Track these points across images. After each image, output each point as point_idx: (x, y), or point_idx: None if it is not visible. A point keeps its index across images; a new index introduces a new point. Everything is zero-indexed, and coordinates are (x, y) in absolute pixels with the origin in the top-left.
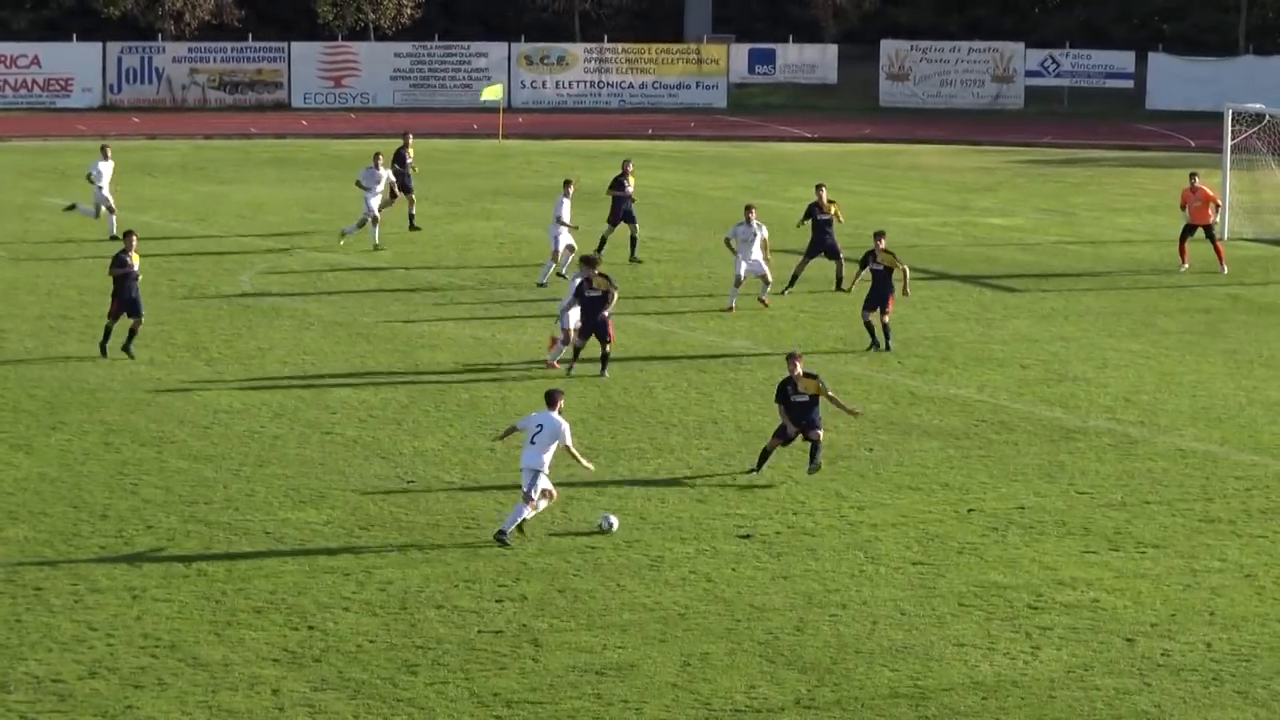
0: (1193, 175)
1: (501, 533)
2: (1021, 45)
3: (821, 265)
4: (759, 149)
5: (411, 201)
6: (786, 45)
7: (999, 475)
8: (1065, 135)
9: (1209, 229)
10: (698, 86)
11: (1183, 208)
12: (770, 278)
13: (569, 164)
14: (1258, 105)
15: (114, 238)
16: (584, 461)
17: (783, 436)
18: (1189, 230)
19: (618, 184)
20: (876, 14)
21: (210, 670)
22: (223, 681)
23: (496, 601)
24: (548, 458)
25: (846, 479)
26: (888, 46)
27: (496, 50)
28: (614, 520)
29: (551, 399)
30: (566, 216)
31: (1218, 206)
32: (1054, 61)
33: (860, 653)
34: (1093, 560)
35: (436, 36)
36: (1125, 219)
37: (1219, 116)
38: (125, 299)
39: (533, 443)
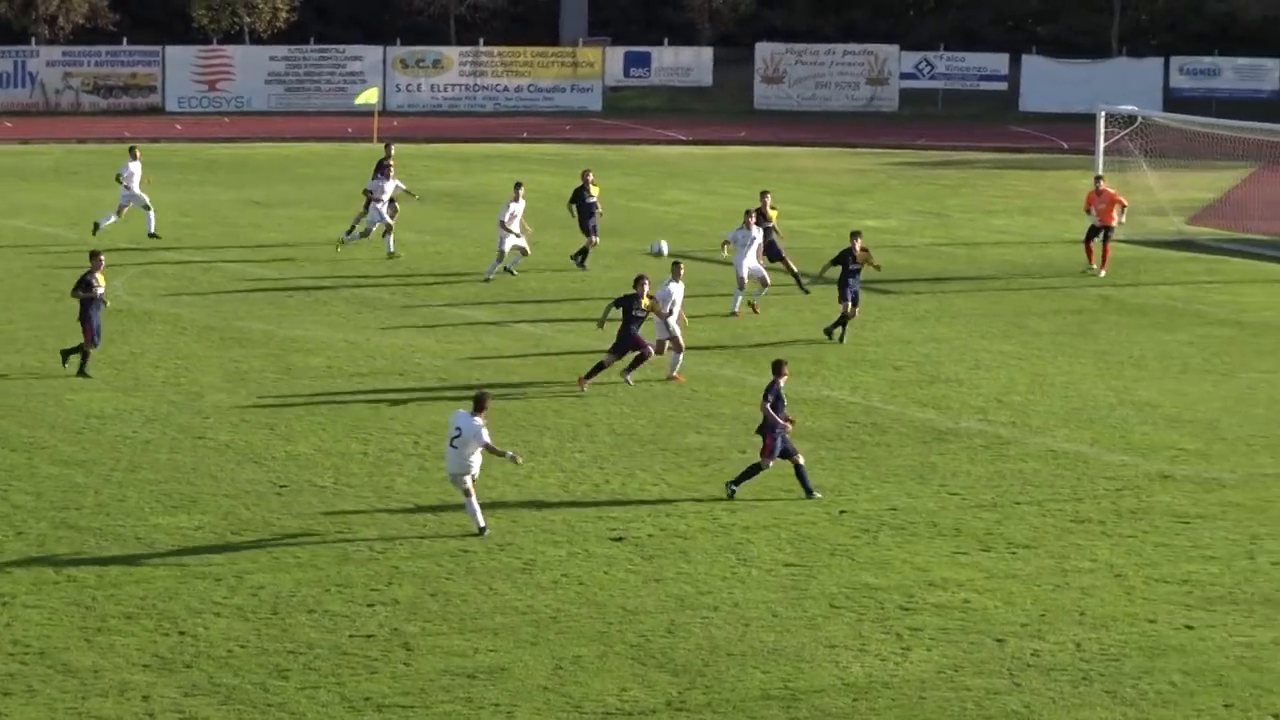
0: (1098, 179)
1: (482, 530)
2: (896, 48)
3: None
4: (634, 152)
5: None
6: (662, 48)
7: (871, 477)
8: (939, 137)
9: (1109, 230)
10: (573, 89)
11: (1088, 210)
12: (769, 281)
13: (444, 168)
14: (1130, 107)
15: (152, 235)
16: (510, 454)
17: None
18: (1094, 232)
19: (578, 196)
20: (752, 17)
21: (80, 677)
22: (92, 688)
23: (368, 606)
24: (474, 460)
25: (719, 481)
26: (763, 49)
27: (371, 54)
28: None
29: (480, 402)
30: (508, 219)
31: (1123, 207)
32: (928, 64)
33: (732, 655)
34: (964, 561)
35: (312, 40)
36: (998, 221)
37: (1092, 118)
38: (88, 322)
39: (453, 446)
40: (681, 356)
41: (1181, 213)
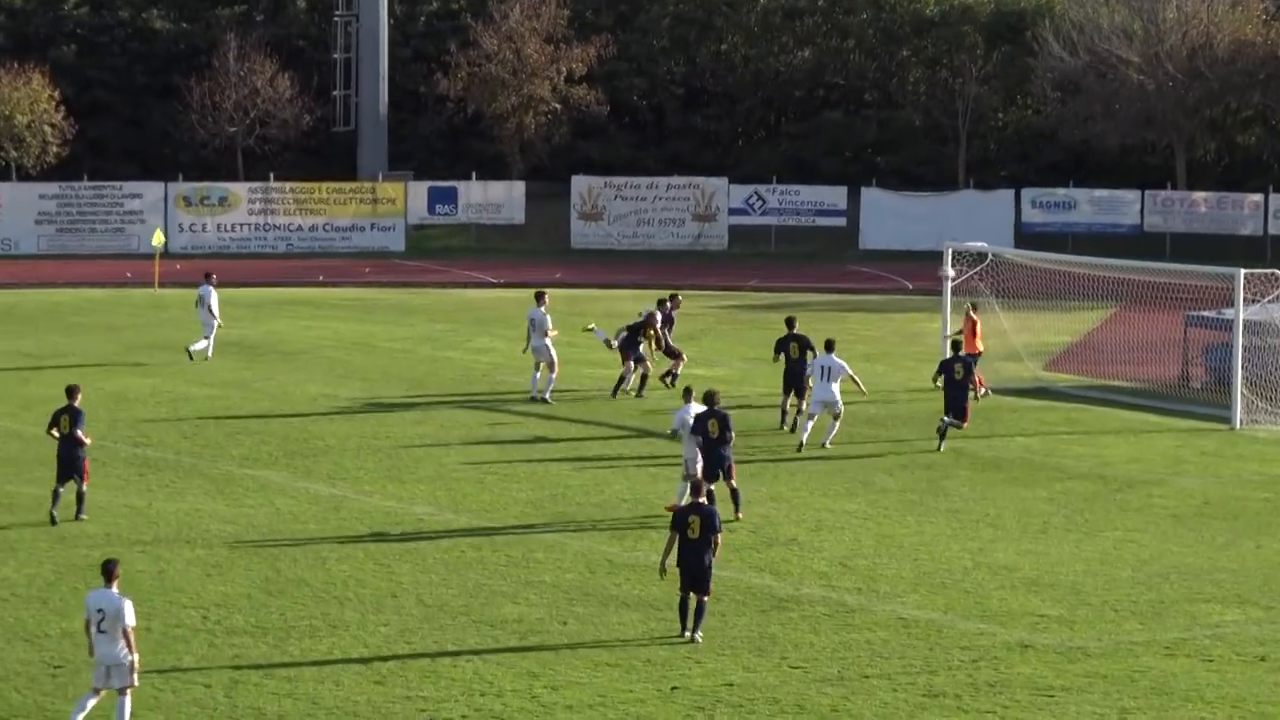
0: (972, 305)
1: None
2: (724, 181)
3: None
4: (441, 296)
5: None
6: (469, 183)
7: (705, 649)
8: (773, 277)
9: (975, 359)
10: (373, 228)
11: (973, 336)
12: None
13: (233, 314)
14: (979, 244)
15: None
16: (135, 656)
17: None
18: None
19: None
20: (567, 148)
21: None
22: None
23: None
24: (121, 649)
25: (539, 655)
26: (579, 183)
27: (151, 190)
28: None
29: (108, 571)
30: (548, 326)
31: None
32: (759, 198)
33: None
34: None
35: (85, 176)
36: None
37: (938, 256)
38: (65, 459)
39: (101, 631)
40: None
41: (1037, 358)
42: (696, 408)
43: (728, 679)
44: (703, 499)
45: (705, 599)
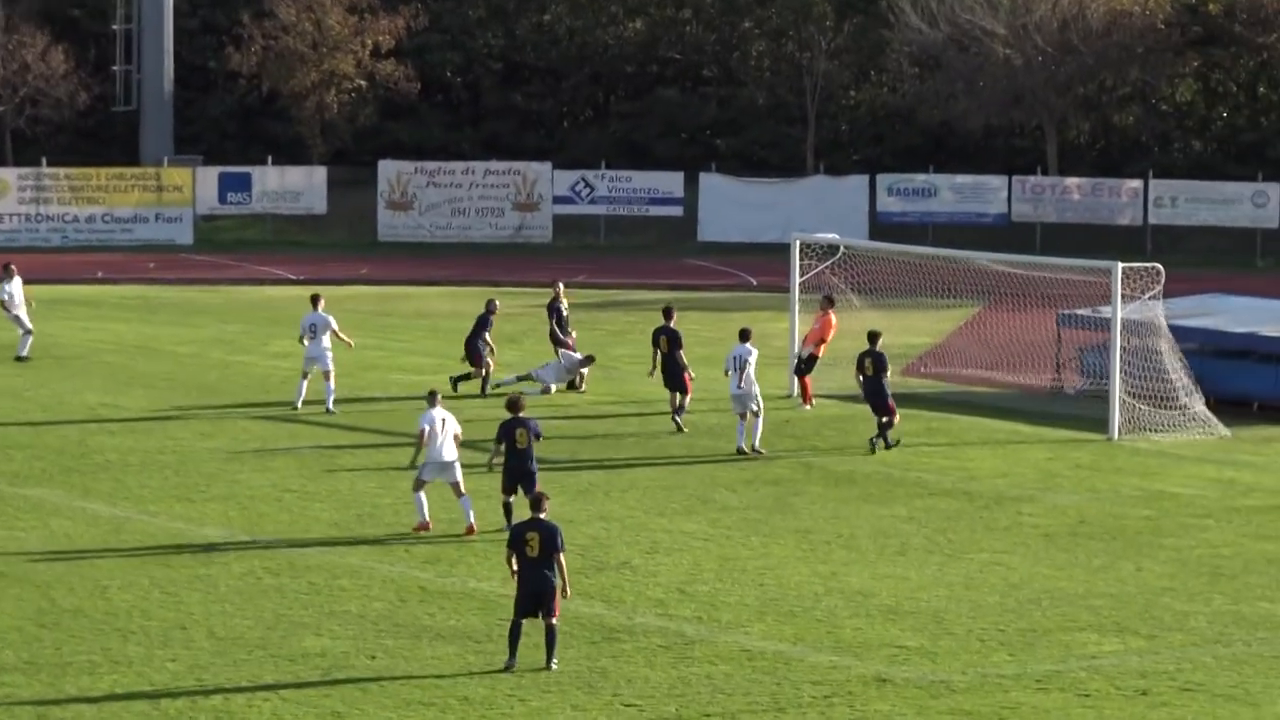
0: (828, 300)
1: None
2: (548, 166)
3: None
4: (233, 294)
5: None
6: (265, 168)
7: (529, 685)
8: (602, 272)
9: (811, 362)
10: (158, 219)
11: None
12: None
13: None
14: (830, 235)
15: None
16: None
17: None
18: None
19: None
20: (374, 131)
21: None
22: None
23: None
24: None
25: (344, 692)
26: (387, 169)
27: None
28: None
29: None
30: (333, 327)
31: (821, 341)
32: (587, 185)
33: None
34: None
35: None
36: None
37: (785, 249)
38: None
39: None
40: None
41: (895, 361)
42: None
43: (553, 718)
44: (543, 514)
45: (553, 621)
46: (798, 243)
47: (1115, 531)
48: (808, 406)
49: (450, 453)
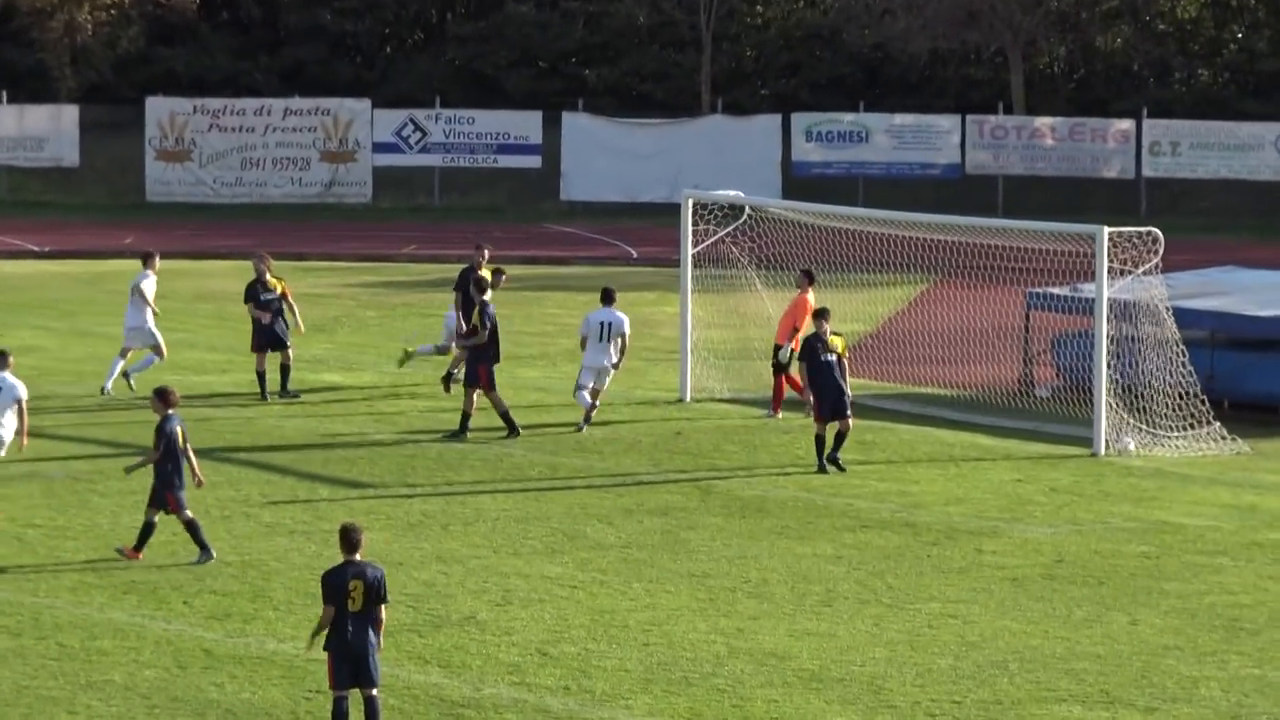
0: (806, 273)
1: None
2: (367, 105)
3: None
4: None
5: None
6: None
7: None
8: (438, 242)
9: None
10: None
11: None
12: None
13: None
14: (732, 192)
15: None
16: None
17: None
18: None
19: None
20: (140, 59)
21: None
22: None
23: None
24: None
25: None
26: (157, 108)
27: None
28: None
29: None
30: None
31: (795, 330)
32: (417, 129)
33: None
34: None
35: None
36: (531, 371)
37: (673, 209)
38: None
39: None
40: None
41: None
42: None
43: None
44: (358, 556)
45: (374, 694)
46: (690, 203)
47: (1103, 574)
48: (777, 415)
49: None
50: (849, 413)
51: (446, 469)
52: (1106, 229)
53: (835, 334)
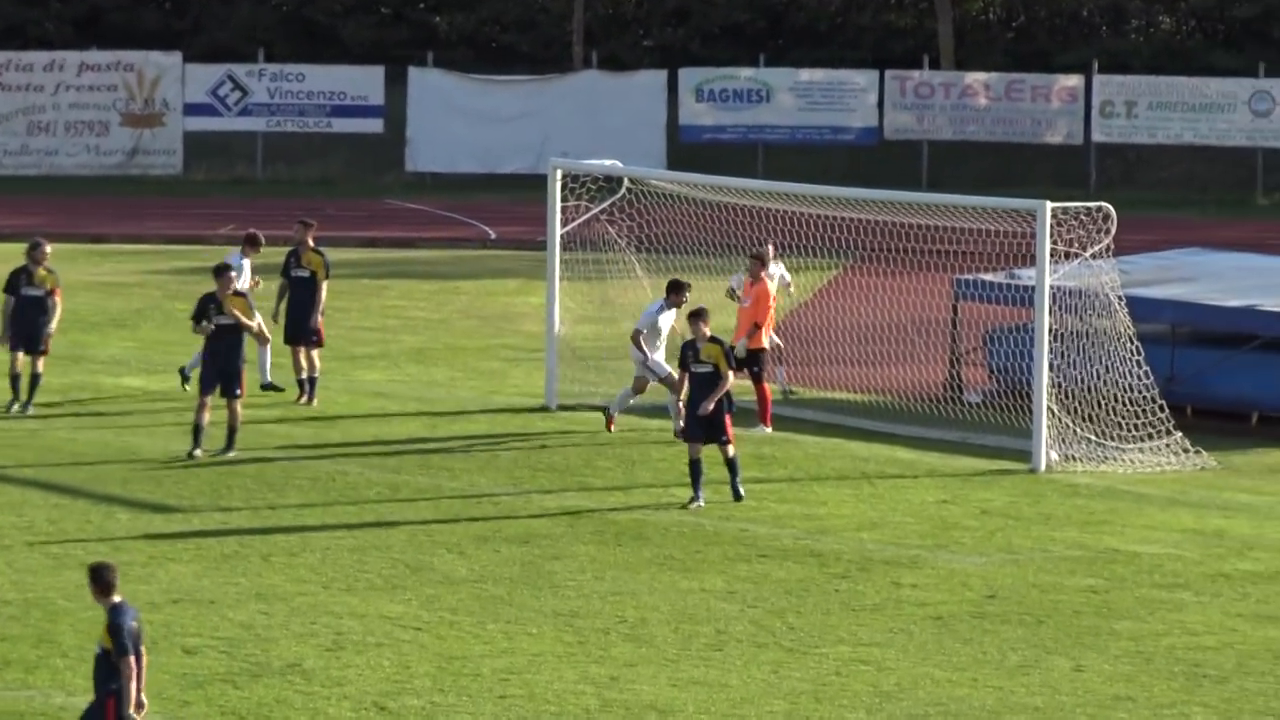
0: (758, 259)
1: None
2: (177, 59)
3: None
4: None
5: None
6: None
7: None
8: (262, 219)
9: (751, 362)
10: None
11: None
12: None
13: None
14: (607, 162)
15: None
16: None
17: None
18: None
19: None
20: None
21: None
22: None
23: None
24: None
25: None
26: None
27: None
28: None
29: None
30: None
31: (756, 327)
32: (237, 87)
33: None
34: None
35: None
36: (372, 374)
37: (539, 180)
38: None
39: None
40: None
41: None
42: None
43: None
44: (117, 598)
45: None
46: (559, 174)
47: (1043, 611)
48: (766, 429)
49: None
50: (726, 435)
51: (268, 489)
52: (1049, 204)
53: (713, 340)
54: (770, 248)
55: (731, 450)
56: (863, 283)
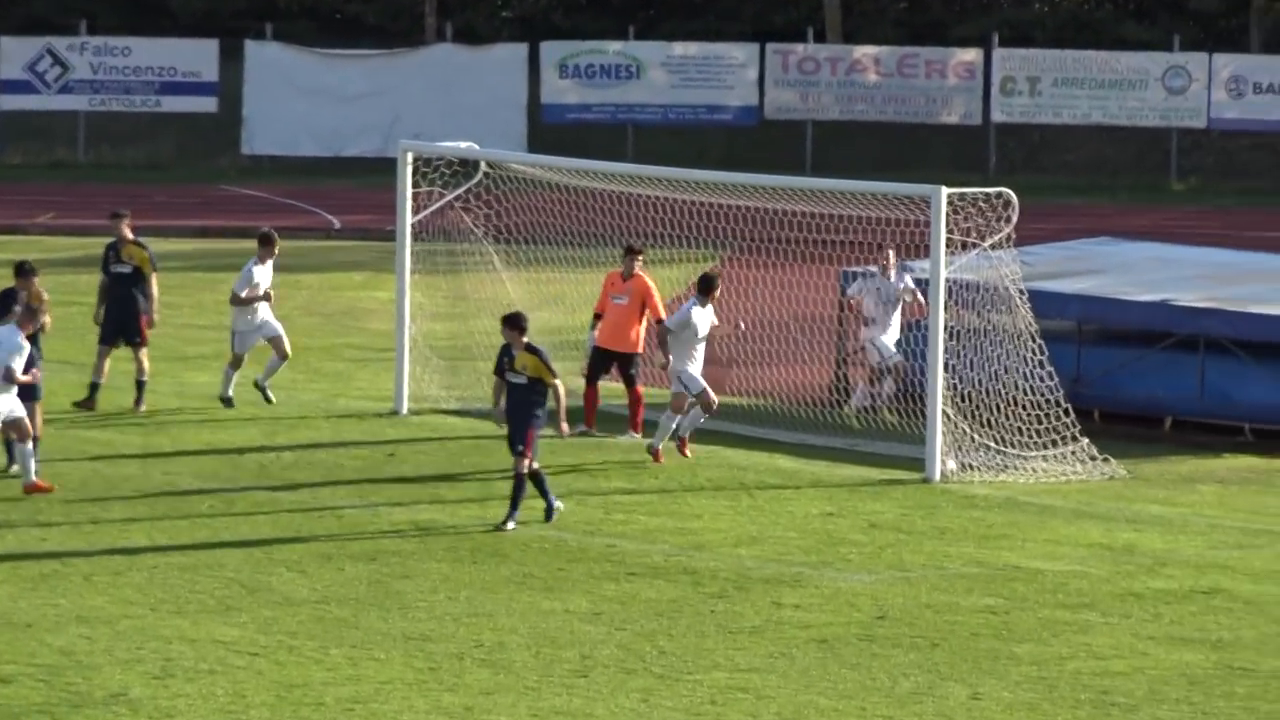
0: (632, 253)
1: None
2: None
3: None
4: None
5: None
6: None
7: None
8: (83, 208)
9: (625, 364)
10: None
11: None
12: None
13: None
14: (463, 144)
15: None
16: None
17: None
18: (603, 362)
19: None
20: None
21: None
22: None
23: None
24: None
25: None
26: None
27: None
28: None
29: None
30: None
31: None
32: (56, 61)
33: None
34: None
35: None
36: (204, 376)
37: (387, 166)
38: None
39: None
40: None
41: (573, 353)
42: None
43: None
44: None
45: None
46: (409, 157)
47: (937, 634)
48: (636, 435)
49: None
50: (524, 447)
51: (90, 502)
52: (945, 190)
53: (530, 349)
54: (892, 253)
55: (526, 465)
56: (741, 276)
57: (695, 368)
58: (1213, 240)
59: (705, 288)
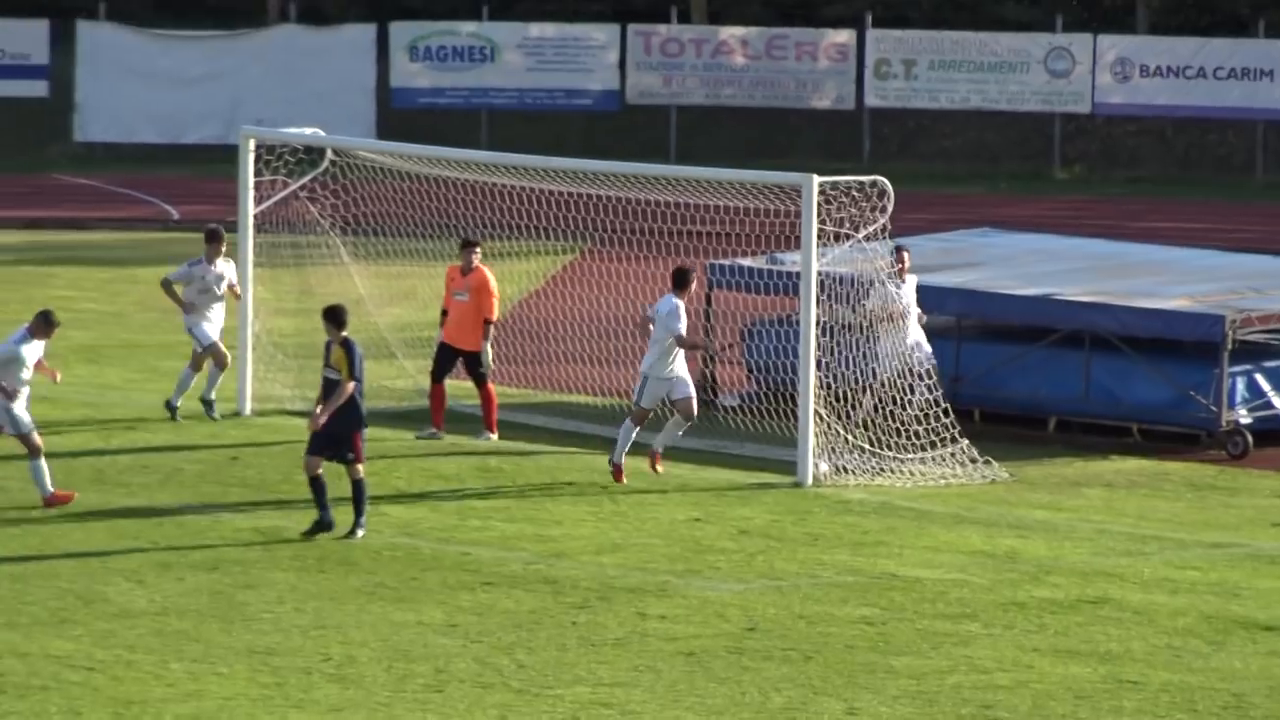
0: (469, 246)
1: None
2: None
3: None
4: None
5: None
6: None
7: None
8: None
9: (473, 362)
10: None
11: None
12: None
13: None
14: (308, 130)
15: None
16: None
17: None
18: (447, 360)
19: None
20: None
21: None
22: None
23: None
24: None
25: None
26: None
27: None
28: None
29: None
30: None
31: (488, 323)
32: None
33: None
34: None
35: None
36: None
37: (228, 153)
38: None
39: None
40: None
41: (417, 350)
42: None
43: None
44: None
45: None
46: (251, 144)
47: (811, 646)
48: (493, 436)
49: None
50: (354, 454)
51: None
52: (816, 178)
53: (343, 343)
54: (906, 254)
55: (360, 472)
56: (602, 269)
57: (681, 366)
58: (1098, 231)
59: (681, 282)
